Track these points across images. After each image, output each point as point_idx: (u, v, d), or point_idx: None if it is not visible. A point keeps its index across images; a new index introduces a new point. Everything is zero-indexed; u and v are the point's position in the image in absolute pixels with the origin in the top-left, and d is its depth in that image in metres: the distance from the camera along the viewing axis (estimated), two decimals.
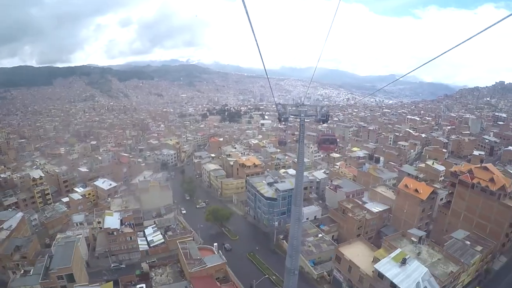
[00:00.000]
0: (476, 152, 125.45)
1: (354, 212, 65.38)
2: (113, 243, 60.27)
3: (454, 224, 62.44)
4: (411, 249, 45.12)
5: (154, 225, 72.12)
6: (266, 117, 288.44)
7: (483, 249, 50.26)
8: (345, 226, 64.61)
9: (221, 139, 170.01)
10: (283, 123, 29.54)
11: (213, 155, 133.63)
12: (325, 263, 56.02)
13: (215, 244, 55.05)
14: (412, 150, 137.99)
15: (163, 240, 65.77)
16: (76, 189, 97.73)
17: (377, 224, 66.57)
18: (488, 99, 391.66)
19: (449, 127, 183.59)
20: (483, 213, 59.15)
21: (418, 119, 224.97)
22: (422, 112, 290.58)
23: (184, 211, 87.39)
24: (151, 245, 65.01)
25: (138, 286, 48.82)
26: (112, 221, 62.97)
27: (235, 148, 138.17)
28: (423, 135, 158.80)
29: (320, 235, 63.31)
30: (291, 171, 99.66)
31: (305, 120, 27.71)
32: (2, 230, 66.78)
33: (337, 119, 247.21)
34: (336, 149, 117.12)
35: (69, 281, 45.38)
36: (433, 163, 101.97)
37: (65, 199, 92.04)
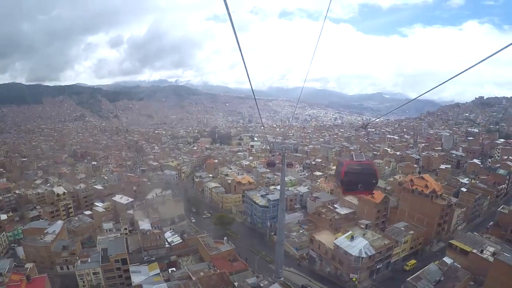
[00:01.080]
0: (443, 166, 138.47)
1: (326, 214, 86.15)
2: (146, 241, 78.21)
3: (402, 220, 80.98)
4: (360, 232, 65.59)
5: (172, 230, 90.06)
6: (255, 138, 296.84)
7: (414, 233, 71.64)
8: (319, 225, 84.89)
9: (216, 160, 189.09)
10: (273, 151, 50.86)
11: (210, 175, 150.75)
12: (304, 249, 75.65)
13: (225, 238, 74.60)
14: (387, 167, 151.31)
15: (181, 241, 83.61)
16: (96, 203, 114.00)
17: (345, 224, 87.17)
18: (467, 114, 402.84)
19: (423, 144, 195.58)
20: (421, 210, 78.20)
21: (397, 137, 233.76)
22: (404, 130, 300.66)
23: (194, 220, 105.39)
24: (172, 244, 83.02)
25: (170, 269, 67.11)
26: (144, 224, 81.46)
27: (231, 169, 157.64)
28: (398, 153, 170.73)
29: (301, 231, 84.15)
30: (280, 187, 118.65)
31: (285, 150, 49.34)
32: (47, 234, 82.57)
33: (322, 140, 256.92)
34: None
35: (123, 264, 63.22)
36: (399, 177, 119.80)
37: (87, 212, 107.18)
